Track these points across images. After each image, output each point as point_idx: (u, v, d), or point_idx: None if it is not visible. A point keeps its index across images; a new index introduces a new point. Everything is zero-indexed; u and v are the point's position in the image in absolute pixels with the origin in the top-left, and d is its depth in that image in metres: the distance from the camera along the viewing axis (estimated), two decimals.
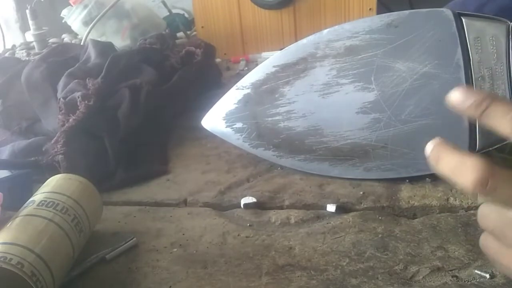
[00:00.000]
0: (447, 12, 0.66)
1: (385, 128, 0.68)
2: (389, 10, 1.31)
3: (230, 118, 0.75)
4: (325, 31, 0.71)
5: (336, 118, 0.70)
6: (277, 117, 0.73)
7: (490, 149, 0.66)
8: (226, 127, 0.76)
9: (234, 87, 0.76)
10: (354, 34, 0.69)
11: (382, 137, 0.68)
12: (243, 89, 0.75)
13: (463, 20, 0.65)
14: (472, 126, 0.65)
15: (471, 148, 0.66)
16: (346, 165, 0.71)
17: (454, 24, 0.65)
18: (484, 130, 0.65)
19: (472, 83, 0.65)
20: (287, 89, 0.72)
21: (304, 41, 0.73)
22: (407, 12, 0.68)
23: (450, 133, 0.66)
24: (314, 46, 0.71)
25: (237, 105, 0.75)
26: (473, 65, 0.65)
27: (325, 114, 0.71)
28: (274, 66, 0.73)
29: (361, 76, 0.69)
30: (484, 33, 0.65)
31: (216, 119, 0.77)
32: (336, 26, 0.71)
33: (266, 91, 0.73)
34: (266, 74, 0.74)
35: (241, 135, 0.75)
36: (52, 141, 0.76)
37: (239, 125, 0.75)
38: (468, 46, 0.65)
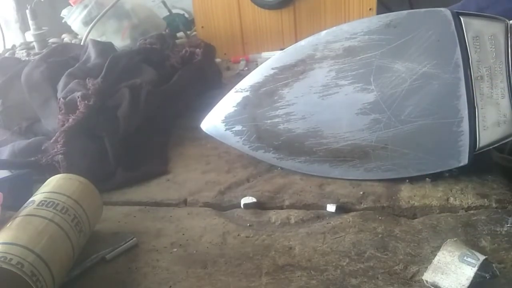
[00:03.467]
0: (445, 12, 0.66)
1: (385, 128, 0.68)
2: (389, 10, 1.32)
3: (230, 121, 0.75)
4: (323, 32, 0.71)
5: (335, 119, 0.70)
6: (277, 119, 0.73)
7: (490, 148, 0.66)
8: (225, 130, 0.76)
9: (233, 90, 0.76)
10: (353, 35, 0.69)
11: (382, 137, 0.68)
12: (241, 91, 0.75)
13: (462, 19, 0.66)
14: (472, 126, 0.65)
15: (471, 148, 0.66)
16: (346, 166, 0.71)
17: (453, 24, 0.65)
18: (484, 129, 0.65)
19: (471, 83, 0.65)
20: (286, 91, 0.72)
21: (302, 43, 0.73)
22: (405, 12, 0.69)
23: (450, 133, 0.66)
24: (312, 47, 0.71)
25: (236, 108, 0.75)
26: (472, 64, 0.65)
27: (324, 116, 0.71)
28: (272, 68, 0.73)
29: (360, 77, 0.69)
30: (483, 32, 0.65)
31: (215, 122, 0.77)
32: (334, 28, 0.71)
33: (265, 93, 0.73)
34: (265, 76, 0.74)
35: (241, 138, 0.75)
36: (52, 141, 0.76)
37: (238, 127, 0.75)
38: (467, 45, 0.65)
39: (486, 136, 0.65)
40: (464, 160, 0.66)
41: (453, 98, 0.66)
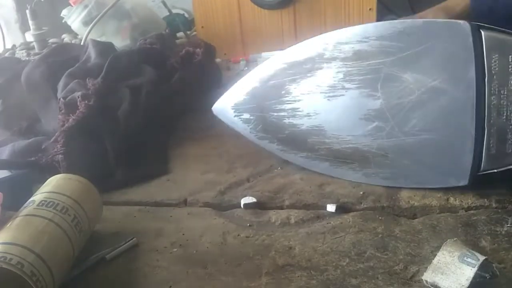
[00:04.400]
0: (464, 25, 0.62)
1: (387, 137, 0.67)
2: (389, 10, 1.31)
3: (239, 109, 0.76)
4: (334, 31, 0.69)
5: (339, 121, 0.70)
6: (282, 113, 0.73)
7: (493, 171, 0.63)
8: (234, 117, 0.77)
9: (244, 78, 0.76)
10: (364, 39, 0.67)
11: (383, 146, 0.68)
12: (252, 82, 0.75)
13: (483, 33, 0.61)
14: (478, 148, 0.62)
15: (474, 169, 0.63)
16: (346, 167, 0.71)
17: (471, 38, 0.61)
18: (490, 152, 0.62)
19: (484, 104, 0.61)
20: (293, 87, 0.72)
21: (313, 40, 0.71)
22: (421, 21, 0.66)
23: (454, 151, 0.64)
24: (322, 46, 0.70)
25: (245, 97, 0.76)
26: (487, 84, 0.61)
27: (328, 116, 0.70)
28: (283, 63, 0.73)
29: (367, 83, 0.67)
30: (504, 50, 0.60)
31: (226, 107, 0.78)
32: (348, 27, 0.69)
33: (273, 86, 0.73)
34: (275, 70, 0.73)
35: (248, 126, 0.76)
36: (52, 141, 0.76)
37: (246, 116, 0.76)
38: (484, 63, 0.61)
39: (491, 160, 0.62)
40: (464, 181, 0.64)
41: (461, 116, 0.62)
